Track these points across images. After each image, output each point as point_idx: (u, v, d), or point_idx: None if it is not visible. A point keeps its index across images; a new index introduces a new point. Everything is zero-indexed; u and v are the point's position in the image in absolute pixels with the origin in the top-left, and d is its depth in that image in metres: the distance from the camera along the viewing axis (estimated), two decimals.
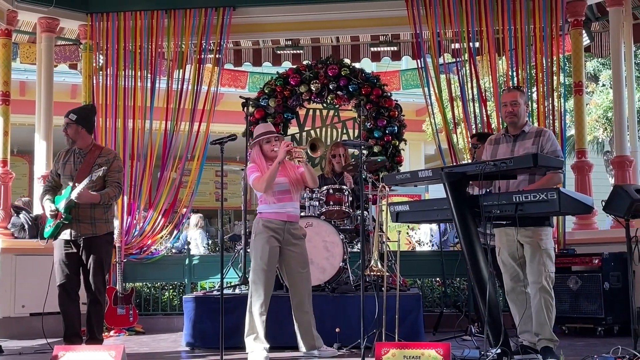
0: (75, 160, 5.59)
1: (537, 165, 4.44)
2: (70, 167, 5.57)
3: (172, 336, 7.25)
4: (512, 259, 5.03)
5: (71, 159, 5.61)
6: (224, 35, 8.11)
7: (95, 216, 5.49)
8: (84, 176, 5.40)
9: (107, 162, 5.51)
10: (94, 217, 5.49)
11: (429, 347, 4.02)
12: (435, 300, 8.13)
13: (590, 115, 13.49)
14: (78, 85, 10.72)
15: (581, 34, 7.85)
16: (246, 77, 10.73)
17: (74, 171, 5.53)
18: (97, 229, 5.50)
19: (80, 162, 5.56)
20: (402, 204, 5.20)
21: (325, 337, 5.59)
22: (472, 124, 7.68)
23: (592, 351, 5.09)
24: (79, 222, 5.44)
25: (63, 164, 5.62)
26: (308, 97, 8.74)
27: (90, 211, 5.47)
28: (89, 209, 5.46)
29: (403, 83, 10.67)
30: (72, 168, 5.56)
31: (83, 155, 5.59)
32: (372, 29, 8.66)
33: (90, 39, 8.14)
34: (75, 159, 5.59)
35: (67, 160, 5.62)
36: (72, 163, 5.59)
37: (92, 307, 5.52)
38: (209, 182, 16.22)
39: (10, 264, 7.27)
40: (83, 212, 5.44)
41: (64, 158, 5.65)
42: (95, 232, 5.49)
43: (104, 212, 5.55)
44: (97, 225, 5.50)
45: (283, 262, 5.51)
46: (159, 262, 8.06)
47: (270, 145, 5.49)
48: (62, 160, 5.65)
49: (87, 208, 5.44)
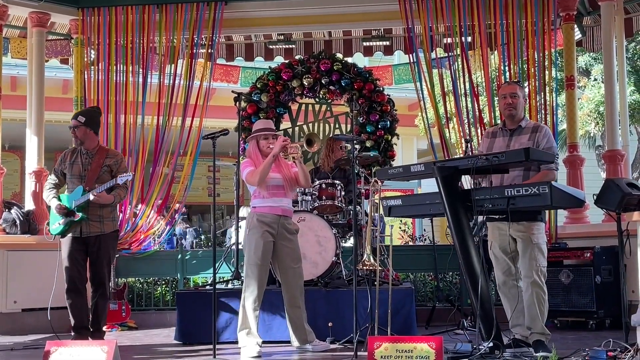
0: (84, 161, 5.77)
1: (530, 160, 4.45)
2: (79, 168, 5.75)
3: (164, 331, 7.25)
4: (504, 253, 5.04)
5: (78, 159, 5.79)
6: (215, 29, 8.09)
7: (103, 215, 5.72)
8: (94, 177, 5.68)
9: (115, 164, 5.79)
10: (102, 216, 5.72)
11: (421, 340, 4.02)
12: (428, 295, 8.15)
13: (582, 109, 13.50)
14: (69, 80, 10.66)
15: (573, 29, 7.86)
16: (238, 72, 10.70)
17: (83, 172, 5.73)
18: (105, 227, 5.73)
19: (89, 163, 5.76)
20: (394, 199, 5.20)
21: (318, 332, 5.60)
22: (464, 118, 7.68)
23: (583, 345, 5.11)
24: (88, 220, 5.64)
25: (70, 164, 5.78)
26: (300, 91, 8.73)
27: (99, 210, 5.69)
28: (97, 208, 5.68)
29: (395, 78, 10.66)
30: (81, 169, 5.75)
31: (91, 157, 5.79)
32: (365, 23, 8.66)
33: (82, 34, 8.10)
34: (84, 160, 5.78)
35: (74, 160, 5.79)
36: (80, 164, 5.76)
37: (99, 301, 5.74)
38: (201, 177, 16.19)
39: (2, 259, 7.24)
40: (92, 211, 5.67)
41: (70, 158, 5.81)
42: (104, 230, 5.72)
43: (111, 211, 5.81)
44: (105, 224, 5.74)
45: (276, 256, 5.50)
46: (152, 257, 8.05)
47: (267, 142, 5.49)
48: (68, 160, 5.81)
49: (96, 207, 5.66)
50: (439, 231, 10.53)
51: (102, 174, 5.72)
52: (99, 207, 5.67)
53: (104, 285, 5.74)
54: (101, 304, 5.75)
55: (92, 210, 5.65)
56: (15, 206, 7.63)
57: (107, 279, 5.79)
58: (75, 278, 5.63)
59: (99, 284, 5.72)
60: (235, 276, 6.61)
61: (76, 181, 5.72)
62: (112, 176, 5.72)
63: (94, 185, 5.64)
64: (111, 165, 5.77)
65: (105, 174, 5.74)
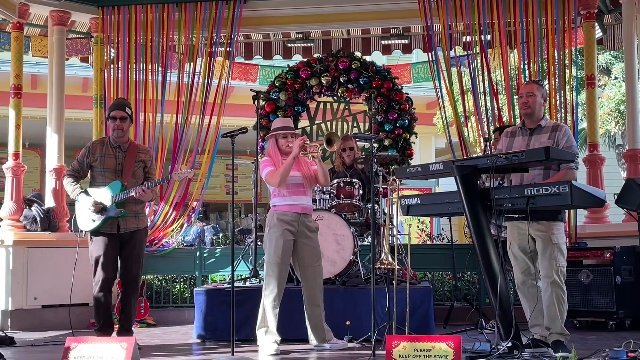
0: (117, 155, 5.63)
1: (550, 159, 4.42)
2: (113, 162, 5.61)
3: (183, 328, 7.28)
4: (523, 252, 5.01)
5: (110, 152, 5.63)
6: (234, 28, 8.11)
7: (137, 210, 5.68)
8: (130, 172, 5.58)
9: (149, 160, 5.74)
10: (137, 212, 5.67)
11: (439, 340, 4.01)
12: (446, 294, 8.13)
13: (602, 108, 13.39)
14: (89, 79, 10.76)
15: (594, 27, 7.80)
16: (257, 71, 10.73)
17: (118, 166, 5.60)
18: (140, 222, 5.69)
19: (123, 157, 5.63)
20: (413, 197, 5.19)
21: (336, 330, 5.60)
22: (483, 117, 7.65)
23: (603, 345, 5.06)
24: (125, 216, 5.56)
25: (101, 157, 5.61)
26: (319, 90, 8.73)
27: (134, 206, 5.63)
28: (133, 204, 5.61)
29: (414, 76, 10.64)
30: (115, 163, 5.61)
31: (124, 151, 5.66)
32: (383, 21, 8.63)
33: (102, 32, 8.15)
34: (117, 154, 5.63)
35: (106, 153, 5.63)
36: (113, 157, 5.62)
37: (132, 300, 5.67)
38: (219, 175, 16.23)
39: (23, 256, 7.30)
40: (129, 206, 5.57)
41: (100, 150, 5.64)
42: (139, 225, 5.68)
43: (143, 206, 5.82)
44: (140, 219, 5.71)
45: (296, 255, 5.50)
46: (170, 255, 8.07)
47: (286, 141, 5.49)
48: (98, 152, 5.63)
49: (131, 203, 5.59)
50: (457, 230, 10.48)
51: (137, 170, 5.63)
52: (134, 203, 5.59)
53: (137, 283, 5.68)
54: (134, 303, 5.68)
55: (128, 206, 5.55)
56: (35, 203, 7.70)
57: (139, 275, 5.72)
58: (110, 277, 5.55)
59: (132, 282, 5.64)
60: (253, 274, 6.62)
61: (110, 176, 5.56)
62: (145, 172, 5.66)
63: (131, 180, 5.56)
64: (145, 161, 5.69)
65: (140, 169, 5.65)
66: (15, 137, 7.63)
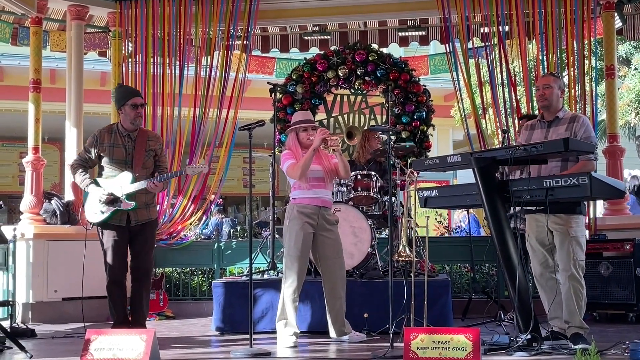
0: (126, 144, 5.49)
1: (569, 150, 4.39)
2: (122, 152, 5.48)
3: (201, 321, 7.32)
4: (541, 245, 4.97)
5: (119, 141, 5.49)
6: (251, 21, 8.12)
7: (147, 201, 5.56)
8: (140, 162, 5.45)
9: (159, 148, 5.62)
10: (147, 203, 5.55)
11: (458, 332, 3.99)
12: (464, 286, 8.11)
13: (622, 99, 13.27)
14: (107, 73, 10.82)
15: (613, 17, 7.72)
16: (273, 63, 10.70)
17: (127, 156, 5.48)
18: (151, 213, 5.60)
19: (132, 147, 5.49)
20: (431, 189, 5.18)
21: (354, 322, 5.61)
22: (501, 109, 7.60)
23: (623, 337, 5.03)
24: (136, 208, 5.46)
25: (110, 147, 5.48)
26: (335, 82, 8.71)
27: (144, 197, 5.52)
28: (143, 195, 5.49)
29: (431, 68, 10.56)
30: (124, 153, 5.48)
31: (133, 139, 5.53)
32: (400, 13, 8.60)
33: (119, 27, 8.18)
34: (126, 143, 5.50)
35: (114, 143, 5.49)
36: (122, 147, 5.48)
37: (144, 293, 5.57)
38: (236, 168, 16.29)
39: (43, 249, 7.36)
40: (138, 198, 5.46)
41: (108, 139, 5.50)
42: (150, 216, 5.59)
43: (153, 197, 5.65)
44: (151, 210, 5.60)
45: (317, 248, 5.50)
46: (189, 248, 8.11)
47: (306, 134, 5.48)
48: (106, 141, 5.49)
49: (142, 194, 5.46)
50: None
51: (147, 159, 5.50)
52: (144, 194, 5.46)
53: (149, 276, 5.61)
54: (146, 296, 5.58)
55: (138, 197, 5.42)
56: (55, 197, 7.76)
57: (151, 266, 5.65)
58: (121, 270, 5.47)
59: (144, 275, 5.56)
60: (271, 267, 6.64)
61: (119, 166, 5.44)
62: (156, 160, 5.54)
63: (142, 171, 5.45)
64: (156, 150, 5.56)
65: (150, 158, 5.52)
66: (34, 131, 7.69)
